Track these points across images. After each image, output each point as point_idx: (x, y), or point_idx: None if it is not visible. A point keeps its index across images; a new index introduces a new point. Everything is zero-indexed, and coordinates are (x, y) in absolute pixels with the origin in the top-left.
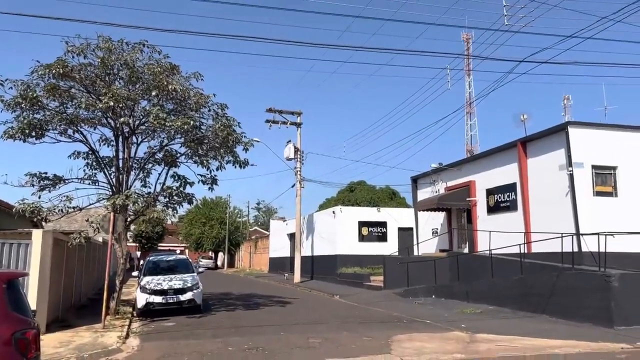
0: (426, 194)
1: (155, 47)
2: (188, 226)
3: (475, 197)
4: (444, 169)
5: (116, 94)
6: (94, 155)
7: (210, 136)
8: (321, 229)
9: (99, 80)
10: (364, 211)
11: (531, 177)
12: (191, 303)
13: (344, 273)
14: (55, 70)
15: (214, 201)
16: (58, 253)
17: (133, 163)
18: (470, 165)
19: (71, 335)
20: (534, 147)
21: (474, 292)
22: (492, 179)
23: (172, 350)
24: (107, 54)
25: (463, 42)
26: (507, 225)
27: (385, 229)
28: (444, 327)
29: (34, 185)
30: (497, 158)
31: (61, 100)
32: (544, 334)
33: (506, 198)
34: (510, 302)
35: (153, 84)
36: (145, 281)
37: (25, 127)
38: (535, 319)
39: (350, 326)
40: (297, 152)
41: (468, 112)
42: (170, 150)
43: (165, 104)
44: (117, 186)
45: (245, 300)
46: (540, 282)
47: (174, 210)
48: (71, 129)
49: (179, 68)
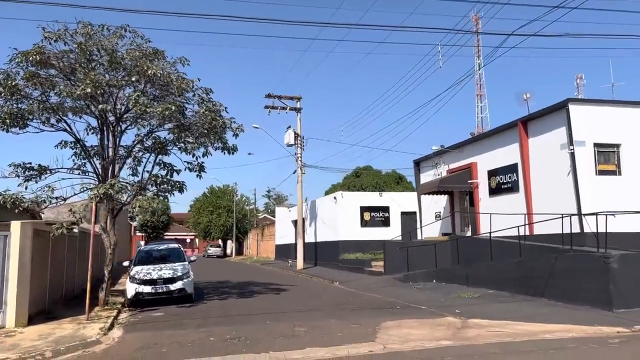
0: (429, 177)
1: (137, 31)
2: (196, 215)
3: (477, 179)
4: (446, 151)
5: (94, 80)
6: (80, 145)
7: (197, 122)
8: (324, 215)
9: (79, 66)
10: (366, 196)
11: (532, 157)
12: (181, 292)
13: (346, 259)
14: (32, 58)
15: (221, 189)
16: (41, 244)
17: (118, 152)
18: (471, 146)
19: (53, 327)
20: (534, 126)
21: (473, 276)
22: (493, 160)
23: (153, 341)
24: (87, 40)
25: (472, 22)
26: (509, 207)
27: (387, 213)
28: (438, 313)
29: (19, 176)
30: (498, 138)
31: (42, 89)
32: (539, 319)
33: (508, 179)
34: (510, 285)
35: (134, 69)
36: (135, 271)
37: (7, 117)
38: (533, 302)
39: (342, 313)
40: (297, 137)
41: (478, 94)
42: (158, 137)
43: (151, 90)
44: (103, 176)
45: (241, 288)
46: (539, 265)
47: (164, 198)
48: (54, 117)
49: (163, 53)
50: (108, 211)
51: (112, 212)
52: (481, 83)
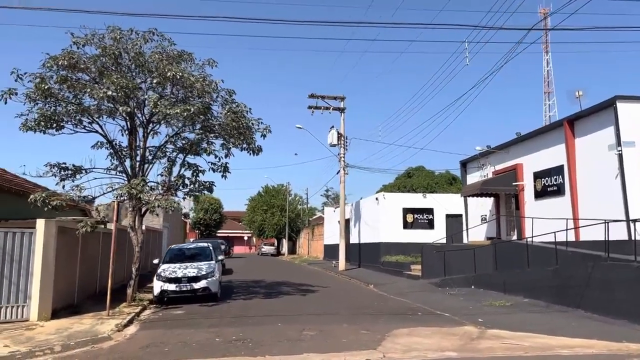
0: (475, 178)
1: (164, 34)
2: (251, 213)
3: (523, 181)
4: (492, 151)
5: (116, 83)
6: (111, 146)
7: (222, 123)
8: (366, 216)
9: (105, 70)
10: (409, 197)
11: (579, 158)
12: (205, 291)
13: (387, 261)
14: (61, 62)
15: (275, 188)
16: (68, 241)
17: (146, 152)
18: (517, 147)
19: (73, 322)
20: (581, 125)
21: (511, 283)
22: (539, 162)
23: (161, 339)
24: (114, 44)
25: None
26: (554, 211)
27: (432, 215)
28: (459, 321)
29: (55, 175)
30: (543, 139)
31: (74, 92)
32: (564, 332)
33: (553, 182)
34: (546, 294)
35: (156, 72)
36: (162, 269)
37: (41, 120)
38: (567, 314)
39: (358, 318)
40: (340, 137)
41: (546, 91)
42: (186, 138)
43: (177, 92)
44: (131, 176)
45: (271, 288)
46: (576, 274)
47: (195, 198)
48: (86, 119)
49: (191, 55)
50: (135, 210)
51: (140, 211)
52: (549, 80)
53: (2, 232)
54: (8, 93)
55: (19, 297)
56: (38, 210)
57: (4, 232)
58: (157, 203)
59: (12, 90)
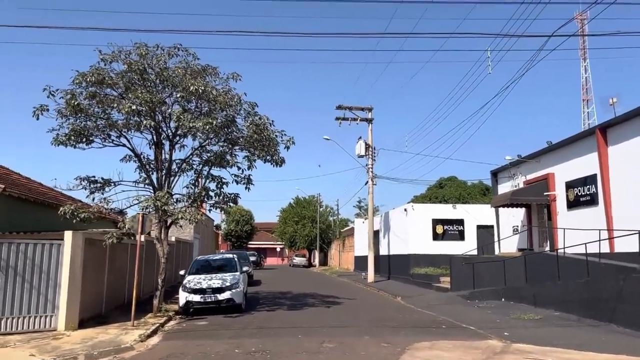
0: (506, 188)
1: (189, 49)
2: (282, 224)
3: (554, 191)
4: (522, 161)
5: (140, 98)
6: (138, 159)
7: (245, 135)
8: (395, 228)
9: (131, 85)
10: (438, 208)
11: (612, 167)
12: (229, 302)
13: (416, 273)
14: (89, 78)
15: (306, 200)
16: (96, 252)
17: (172, 165)
18: (548, 156)
19: (99, 332)
20: (614, 133)
21: (541, 295)
22: (571, 171)
23: (180, 350)
24: (140, 59)
25: (577, 21)
26: (587, 221)
27: (462, 226)
28: (483, 335)
29: (85, 188)
30: (575, 147)
31: (102, 107)
32: (592, 347)
33: (586, 191)
34: (577, 308)
35: (180, 86)
36: (187, 280)
37: (72, 134)
38: (598, 328)
39: (380, 331)
40: (368, 148)
41: (584, 99)
42: (211, 150)
43: (201, 105)
44: (158, 188)
45: (297, 300)
46: (607, 287)
47: (222, 210)
48: (114, 133)
49: (215, 69)
50: (161, 222)
51: (165, 223)
52: (587, 87)
53: (32, 243)
54: (40, 109)
55: (47, 307)
56: (71, 222)
57: (33, 244)
58: (181, 215)
59: (44, 106)
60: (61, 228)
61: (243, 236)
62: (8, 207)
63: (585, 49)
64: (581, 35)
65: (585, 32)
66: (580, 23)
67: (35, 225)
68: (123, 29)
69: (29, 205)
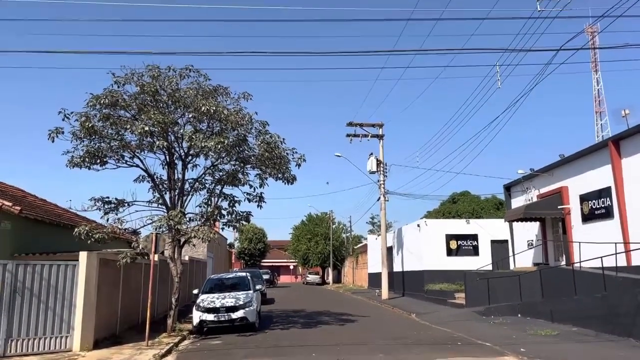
0: (519, 202)
1: (200, 70)
2: (295, 242)
3: (568, 204)
4: (535, 175)
5: (153, 119)
6: (151, 179)
7: (257, 154)
8: (409, 244)
9: (144, 106)
10: (452, 223)
11: (627, 179)
12: (243, 321)
13: (431, 290)
14: (103, 101)
15: (319, 217)
16: (110, 272)
17: (184, 185)
18: (561, 169)
19: (113, 352)
20: (627, 145)
21: (558, 310)
22: (585, 184)
23: None
24: (152, 81)
25: (587, 34)
26: (603, 235)
27: (476, 241)
28: (499, 351)
29: (100, 209)
30: (588, 160)
31: (116, 129)
32: None
33: (601, 204)
34: (595, 323)
35: (192, 106)
36: (200, 299)
37: (86, 156)
38: (616, 343)
39: (394, 348)
40: (379, 164)
41: (597, 111)
42: (223, 169)
43: (213, 125)
44: (171, 208)
45: (311, 318)
46: (625, 301)
47: (235, 228)
48: (127, 154)
49: (226, 89)
50: (174, 241)
51: (179, 242)
52: (600, 99)
53: (47, 264)
54: (55, 132)
55: (62, 327)
56: (86, 242)
57: (49, 265)
58: (194, 234)
59: (59, 129)
60: (77, 248)
61: (256, 254)
62: (25, 229)
63: (596, 61)
64: (590, 49)
65: (595, 45)
66: (591, 35)
67: (51, 246)
68: (136, 52)
69: (45, 227)
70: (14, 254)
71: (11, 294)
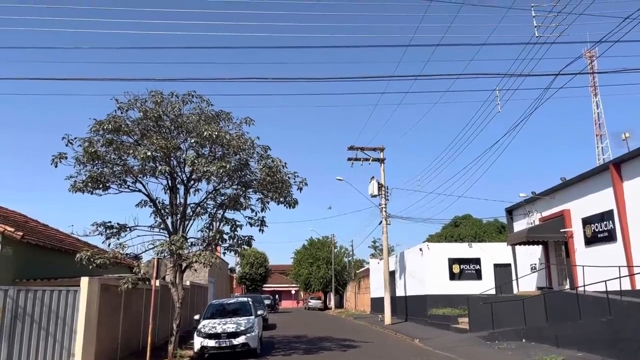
0: (522, 225)
1: (202, 96)
2: (297, 266)
3: (571, 227)
4: (537, 198)
5: (155, 144)
6: (153, 204)
7: (259, 178)
8: (411, 268)
9: (147, 132)
10: (454, 247)
11: (629, 202)
12: (244, 347)
13: (434, 314)
14: (106, 126)
15: (320, 241)
16: (111, 298)
17: (186, 209)
18: (563, 192)
19: None
20: (628, 168)
21: (563, 335)
22: (587, 207)
23: None
24: (155, 107)
25: (585, 59)
26: (606, 258)
27: (479, 265)
28: None
29: (102, 234)
30: (590, 183)
31: (119, 154)
32: None
33: (603, 227)
34: (600, 348)
35: (194, 131)
36: (202, 324)
37: (89, 181)
38: None
39: None
40: (381, 188)
41: (597, 134)
42: (225, 194)
43: (215, 150)
44: (173, 232)
45: (313, 344)
46: (630, 325)
47: (236, 253)
48: (130, 179)
49: (229, 114)
50: (176, 266)
51: (180, 267)
52: (600, 122)
53: (48, 290)
54: (59, 157)
55: (63, 354)
56: (88, 268)
57: (50, 291)
58: (196, 259)
59: (63, 154)
60: (78, 273)
61: (257, 279)
62: (27, 255)
63: (595, 85)
64: (588, 73)
65: (594, 69)
66: (589, 60)
67: (52, 272)
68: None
69: (47, 252)
70: (15, 280)
71: (12, 320)
